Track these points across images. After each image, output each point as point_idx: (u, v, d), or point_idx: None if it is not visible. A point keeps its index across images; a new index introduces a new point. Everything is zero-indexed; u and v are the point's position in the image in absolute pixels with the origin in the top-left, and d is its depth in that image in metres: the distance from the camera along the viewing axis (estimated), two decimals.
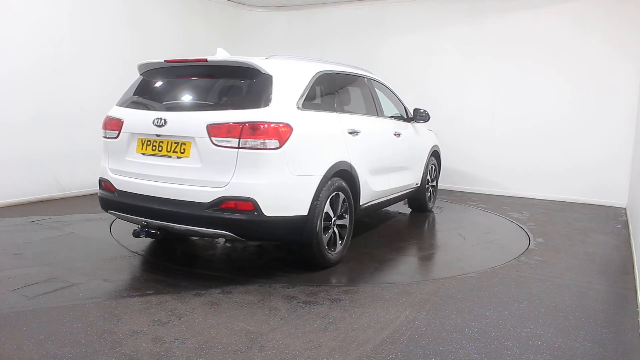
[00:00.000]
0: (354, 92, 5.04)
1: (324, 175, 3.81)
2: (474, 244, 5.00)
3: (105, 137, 4.03)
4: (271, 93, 3.55)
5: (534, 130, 7.56)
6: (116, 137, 3.92)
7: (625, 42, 6.92)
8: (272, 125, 3.45)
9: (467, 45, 7.92)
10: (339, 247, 4.09)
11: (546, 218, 6.26)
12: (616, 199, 7.15)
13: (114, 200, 3.92)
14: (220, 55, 4.06)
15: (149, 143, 3.75)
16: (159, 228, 3.71)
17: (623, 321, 3.19)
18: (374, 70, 5.90)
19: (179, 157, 3.61)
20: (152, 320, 2.96)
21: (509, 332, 2.96)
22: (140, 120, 3.80)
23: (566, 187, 7.43)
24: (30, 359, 2.49)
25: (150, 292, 3.42)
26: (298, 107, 3.75)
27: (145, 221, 3.74)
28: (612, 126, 7.08)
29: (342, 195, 4.08)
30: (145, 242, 4.69)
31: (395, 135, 5.18)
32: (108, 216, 4.27)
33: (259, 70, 3.63)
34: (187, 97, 3.94)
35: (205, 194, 3.46)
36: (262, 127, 3.42)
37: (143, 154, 3.78)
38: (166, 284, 3.57)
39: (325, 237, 3.90)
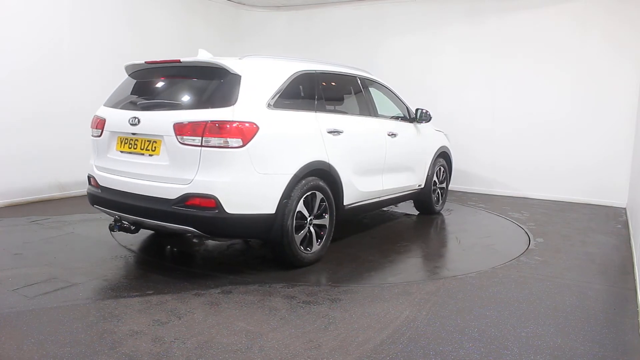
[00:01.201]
0: (341, 92, 5.01)
1: (295, 175, 3.82)
2: (470, 246, 5.00)
3: (92, 136, 4.20)
4: (238, 92, 3.62)
5: (534, 130, 7.56)
6: (100, 136, 4.09)
7: (625, 42, 6.92)
8: (234, 124, 3.51)
9: (467, 45, 7.92)
10: (316, 247, 4.09)
11: (546, 218, 6.26)
12: (616, 199, 7.15)
13: (98, 196, 4.09)
14: (201, 56, 4.15)
15: (126, 141, 3.90)
16: (134, 223, 3.85)
17: (623, 321, 3.19)
18: (374, 70, 5.89)
19: (150, 155, 3.73)
20: (152, 320, 2.96)
21: (509, 332, 2.96)
22: (119, 119, 3.94)
23: (566, 187, 7.43)
24: (30, 359, 2.49)
25: (150, 292, 3.42)
26: (269, 106, 3.78)
27: (118, 215, 3.89)
28: (612, 126, 7.08)
29: (319, 195, 4.08)
30: (144, 242, 4.69)
31: (389, 135, 5.10)
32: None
33: (228, 70, 3.72)
34: (160, 97, 4.05)
35: (172, 190, 3.56)
36: (224, 126, 3.49)
37: (122, 152, 3.93)
38: (166, 284, 3.57)
39: (299, 236, 3.91)
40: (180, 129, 3.55)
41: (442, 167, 6.28)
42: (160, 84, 4.13)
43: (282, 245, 3.82)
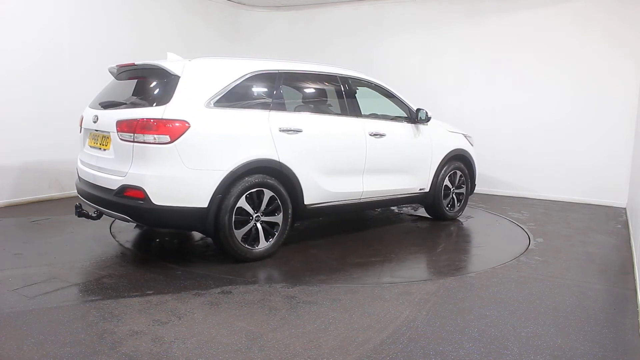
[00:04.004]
0: (312, 92, 4.96)
1: (232, 171, 3.90)
2: (468, 247, 4.99)
3: (79, 132, 4.63)
4: (173, 92, 3.85)
5: (534, 130, 7.55)
6: (80, 132, 4.58)
7: (625, 42, 6.91)
8: (162, 122, 3.73)
9: (467, 45, 7.91)
10: (264, 244, 4.16)
11: (546, 218, 6.26)
12: (616, 199, 7.15)
13: (77, 186, 4.51)
14: (169, 59, 4.41)
15: (92, 137, 4.31)
16: (96, 210, 4.26)
17: (623, 321, 3.19)
18: (374, 70, 5.88)
19: (104, 150, 4.09)
20: (152, 320, 2.96)
21: (509, 332, 2.96)
22: (89, 117, 4.36)
23: (566, 187, 7.42)
24: (30, 359, 2.49)
25: (150, 292, 3.42)
26: (208, 105, 3.93)
27: (79, 203, 4.38)
28: (612, 126, 7.08)
29: (268, 192, 4.13)
30: (144, 242, 4.70)
31: (372, 136, 4.91)
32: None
33: (168, 72, 3.98)
34: (114, 97, 4.34)
35: (114, 182, 3.89)
36: (153, 123, 3.73)
37: (90, 147, 4.33)
38: (166, 284, 3.58)
39: (240, 232, 4.01)
40: (120, 126, 3.86)
41: (457, 171, 5.89)
42: (121, 85, 4.45)
43: (219, 239, 3.97)
